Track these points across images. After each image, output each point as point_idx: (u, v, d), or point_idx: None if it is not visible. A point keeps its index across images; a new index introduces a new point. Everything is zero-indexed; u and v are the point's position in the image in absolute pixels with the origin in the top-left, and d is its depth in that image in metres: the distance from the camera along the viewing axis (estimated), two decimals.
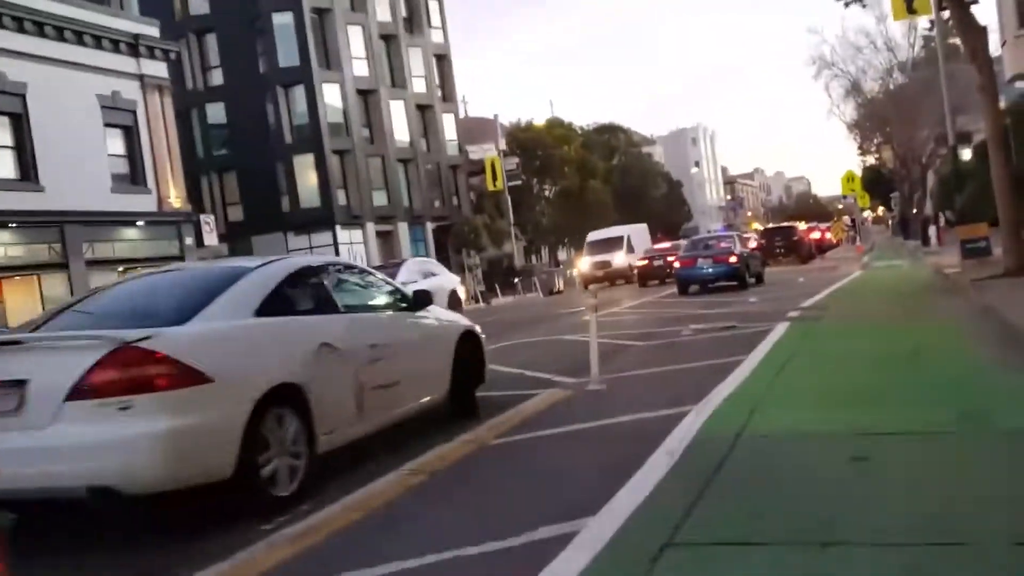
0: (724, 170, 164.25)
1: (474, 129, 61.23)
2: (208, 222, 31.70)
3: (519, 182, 56.19)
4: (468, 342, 8.09)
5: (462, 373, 7.80)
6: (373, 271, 8.15)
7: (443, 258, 52.69)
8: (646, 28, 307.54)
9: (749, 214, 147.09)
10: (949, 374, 7.39)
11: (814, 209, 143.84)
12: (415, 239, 49.88)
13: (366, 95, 46.91)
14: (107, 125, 26.98)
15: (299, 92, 43.44)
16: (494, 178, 55.28)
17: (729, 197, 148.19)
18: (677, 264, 25.36)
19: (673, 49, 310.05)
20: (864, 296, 18.24)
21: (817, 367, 8.54)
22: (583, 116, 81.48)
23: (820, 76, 55.28)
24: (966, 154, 57.34)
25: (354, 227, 44.42)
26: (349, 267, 7.90)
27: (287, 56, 43.21)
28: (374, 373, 6.34)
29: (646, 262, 33.25)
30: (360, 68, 46.53)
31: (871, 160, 79.94)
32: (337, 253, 43.11)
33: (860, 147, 74.47)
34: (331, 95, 43.79)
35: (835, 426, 5.70)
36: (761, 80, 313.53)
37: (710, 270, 24.45)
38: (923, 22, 51.99)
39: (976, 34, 16.23)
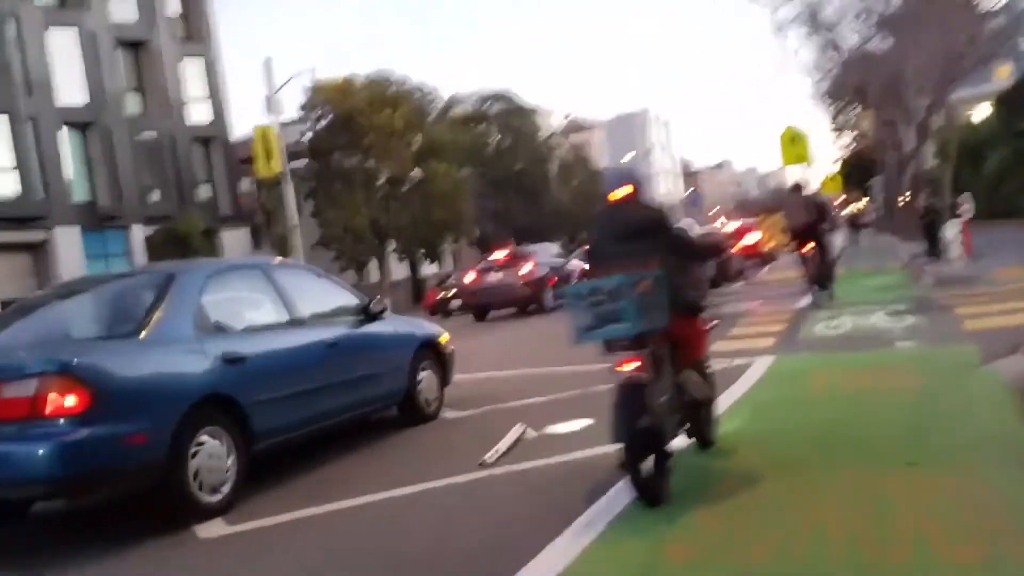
0: (687, 164, 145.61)
1: None
2: None
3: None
4: None
5: None
6: None
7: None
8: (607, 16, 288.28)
9: (717, 209, 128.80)
10: None
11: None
12: (104, 254, 30.68)
13: None
14: None
15: None
16: (268, 157, 36.44)
17: (692, 189, 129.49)
18: None
19: (625, 27, 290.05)
20: None
21: None
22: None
23: None
24: (981, 111, 37.87)
25: None
26: None
27: None
28: None
29: None
30: None
31: (848, 139, 61.82)
32: None
33: (833, 120, 55.98)
34: None
35: None
36: (729, 62, 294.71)
37: None
38: None
39: None
